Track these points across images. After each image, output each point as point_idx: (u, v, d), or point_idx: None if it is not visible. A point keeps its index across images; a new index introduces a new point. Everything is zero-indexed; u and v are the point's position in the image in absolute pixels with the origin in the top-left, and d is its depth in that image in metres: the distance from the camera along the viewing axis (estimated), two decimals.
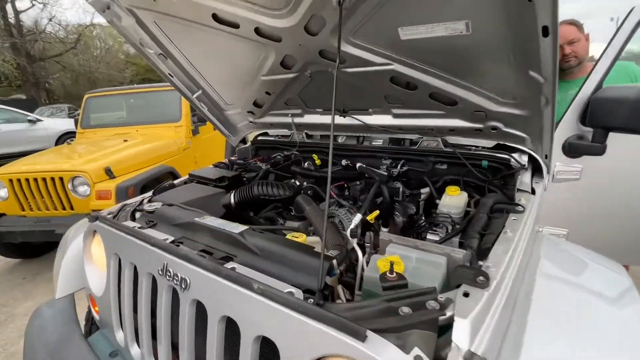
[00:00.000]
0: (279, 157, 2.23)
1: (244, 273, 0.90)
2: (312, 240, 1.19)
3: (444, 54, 1.19)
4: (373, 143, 1.97)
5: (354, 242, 1.08)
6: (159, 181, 3.68)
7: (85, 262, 1.42)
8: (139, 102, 4.65)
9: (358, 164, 1.72)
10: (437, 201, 1.56)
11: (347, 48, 1.32)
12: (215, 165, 2.10)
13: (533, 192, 1.37)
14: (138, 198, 1.76)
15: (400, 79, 1.40)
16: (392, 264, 0.84)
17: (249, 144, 2.38)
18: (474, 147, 1.65)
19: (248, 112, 2.09)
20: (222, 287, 0.87)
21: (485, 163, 1.54)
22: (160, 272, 1.03)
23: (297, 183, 1.57)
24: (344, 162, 1.91)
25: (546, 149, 1.26)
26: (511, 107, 1.27)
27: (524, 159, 1.54)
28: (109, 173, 3.29)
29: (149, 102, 4.58)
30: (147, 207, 1.39)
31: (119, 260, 1.23)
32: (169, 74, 1.81)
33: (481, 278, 0.86)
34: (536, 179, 1.50)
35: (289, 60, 1.54)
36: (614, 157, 1.75)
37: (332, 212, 1.45)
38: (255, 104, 2.01)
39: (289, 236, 1.16)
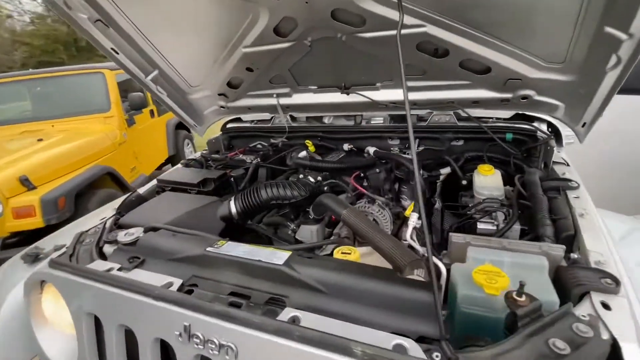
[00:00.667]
0: (261, 146, 1.89)
1: (313, 325, 0.64)
2: (362, 252, 0.95)
3: (494, 10, 0.99)
4: (372, 122, 1.75)
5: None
6: (93, 186, 3.04)
7: (35, 326, 1.01)
8: (50, 90, 3.74)
9: (372, 149, 1.49)
10: (463, 182, 1.42)
11: (370, 6, 1.05)
12: (186, 165, 1.69)
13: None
14: (92, 216, 1.33)
15: (429, 45, 1.17)
16: (522, 284, 0.65)
17: (220, 133, 1.98)
18: (490, 119, 1.53)
19: (219, 94, 1.70)
20: (296, 354, 0.60)
21: (509, 136, 1.43)
22: (179, 336, 0.71)
23: (312, 179, 1.29)
24: (346, 146, 1.67)
25: (589, 117, 1.16)
26: (554, 72, 1.14)
27: (544, 128, 1.46)
28: (26, 183, 2.59)
29: (65, 89, 3.71)
30: (122, 236, 1.00)
31: (96, 318, 0.86)
32: (111, 49, 1.33)
33: (608, 280, 0.72)
34: (557, 149, 1.44)
35: (285, 25, 1.21)
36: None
37: (364, 211, 1.21)
38: (230, 84, 1.63)
39: (337, 254, 0.91)
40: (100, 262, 0.93)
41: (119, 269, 0.88)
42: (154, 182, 1.48)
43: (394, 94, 1.47)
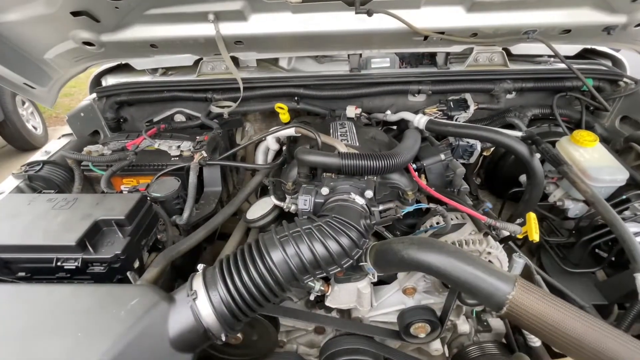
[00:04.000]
0: (183, 118, 1.06)
1: None
2: None
3: None
4: (373, 67, 1.09)
5: None
6: None
7: None
8: None
9: (422, 118, 0.86)
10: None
11: None
12: (29, 180, 0.77)
13: None
14: None
15: None
16: None
17: (93, 97, 1.02)
18: (542, 58, 1.07)
19: (76, 13, 0.76)
20: None
21: (591, 81, 1.00)
22: None
23: (358, 198, 0.62)
24: (352, 110, 0.99)
25: None
26: None
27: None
28: None
29: None
30: None
31: None
32: None
33: None
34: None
35: None
36: None
37: (475, 250, 0.64)
38: None
39: None
40: None
41: None
42: None
43: (445, 16, 0.83)
